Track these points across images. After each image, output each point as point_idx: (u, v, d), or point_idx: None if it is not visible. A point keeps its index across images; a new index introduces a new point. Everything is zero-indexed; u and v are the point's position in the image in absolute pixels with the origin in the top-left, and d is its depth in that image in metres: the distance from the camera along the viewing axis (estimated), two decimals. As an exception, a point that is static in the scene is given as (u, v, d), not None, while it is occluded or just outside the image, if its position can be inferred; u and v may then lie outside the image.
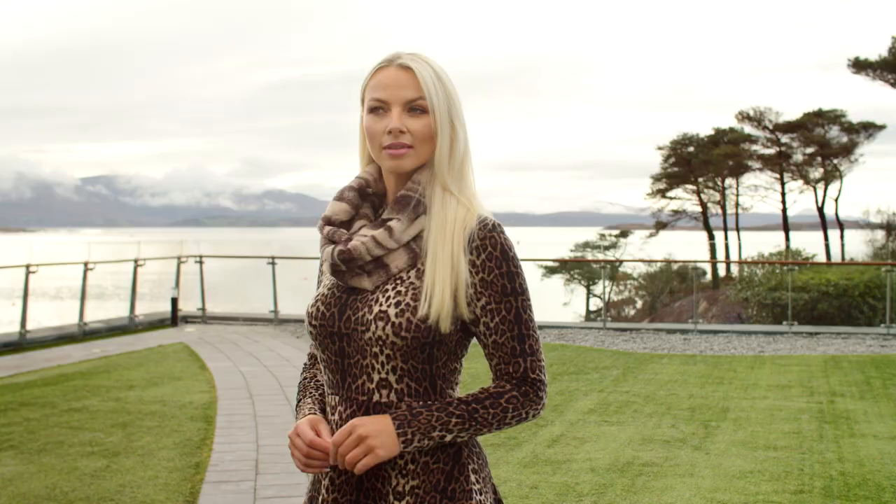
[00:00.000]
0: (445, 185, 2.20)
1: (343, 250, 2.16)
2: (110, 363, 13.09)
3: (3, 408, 9.69)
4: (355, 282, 2.18)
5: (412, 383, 2.14)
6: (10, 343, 15.24)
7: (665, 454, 7.70)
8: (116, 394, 10.48)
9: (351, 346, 2.15)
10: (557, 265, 42.03)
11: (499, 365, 2.16)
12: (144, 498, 6.54)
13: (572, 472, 7.18)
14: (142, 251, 19.02)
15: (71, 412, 9.45)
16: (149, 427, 8.77)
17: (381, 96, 2.18)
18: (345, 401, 2.18)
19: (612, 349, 14.66)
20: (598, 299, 39.39)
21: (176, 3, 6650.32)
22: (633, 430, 8.64)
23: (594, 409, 9.58)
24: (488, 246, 2.13)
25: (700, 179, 49.67)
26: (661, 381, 11.33)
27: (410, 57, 2.20)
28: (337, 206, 2.29)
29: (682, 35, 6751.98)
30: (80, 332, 16.74)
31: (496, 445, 8.05)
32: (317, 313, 2.22)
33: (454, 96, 2.22)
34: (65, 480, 6.97)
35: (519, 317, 2.15)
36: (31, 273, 15.82)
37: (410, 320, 2.09)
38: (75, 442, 8.18)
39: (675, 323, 23.01)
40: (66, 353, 14.35)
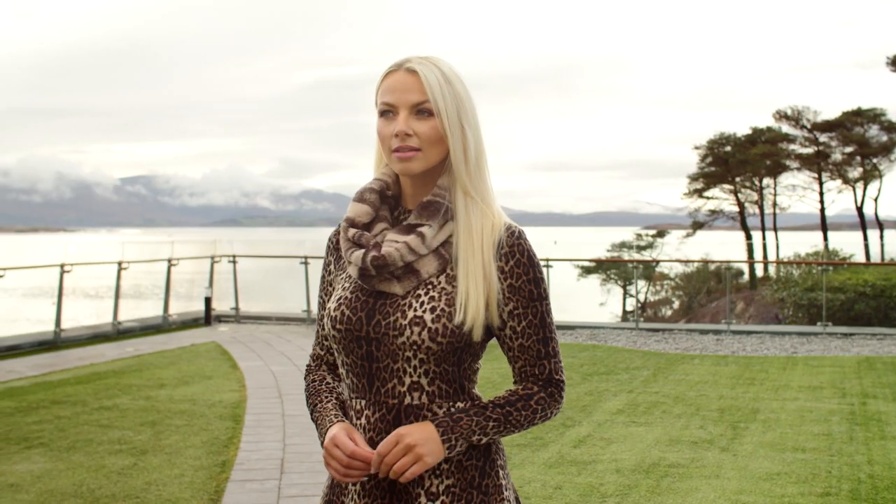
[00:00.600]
0: (466, 189, 2.22)
1: (377, 256, 2.17)
2: (142, 362, 13.18)
3: (36, 405, 9.78)
4: (384, 286, 2.19)
5: (443, 385, 2.18)
6: (46, 341, 15.38)
7: (692, 455, 7.66)
8: (147, 392, 10.55)
9: (381, 350, 2.17)
10: (594, 265, 41.88)
11: (524, 367, 2.23)
12: (169, 496, 6.59)
13: (597, 472, 7.15)
14: (175, 251, 19.15)
15: (101, 410, 9.53)
16: (177, 426, 8.82)
17: (389, 100, 2.21)
18: (373, 405, 2.20)
19: (644, 350, 14.59)
20: (635, 299, 39.26)
21: (215, 3, 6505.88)
22: (660, 430, 8.59)
23: (622, 410, 9.54)
24: (516, 253, 2.19)
25: (737, 179, 49.33)
26: (691, 382, 11.27)
27: (419, 60, 2.22)
28: (359, 207, 2.30)
29: (720, 34, 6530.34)
30: (115, 331, 16.87)
31: (522, 446, 8.04)
32: (342, 317, 2.22)
33: (464, 98, 2.22)
34: (92, 478, 7.03)
35: (544, 321, 2.22)
36: (65, 272, 15.96)
37: (447, 326, 2.12)
38: (104, 440, 8.25)
39: (708, 323, 22.86)
40: (99, 352, 14.47)
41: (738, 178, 49.24)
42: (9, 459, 7.60)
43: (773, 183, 48.30)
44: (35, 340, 15.32)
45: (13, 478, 7.05)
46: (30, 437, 8.40)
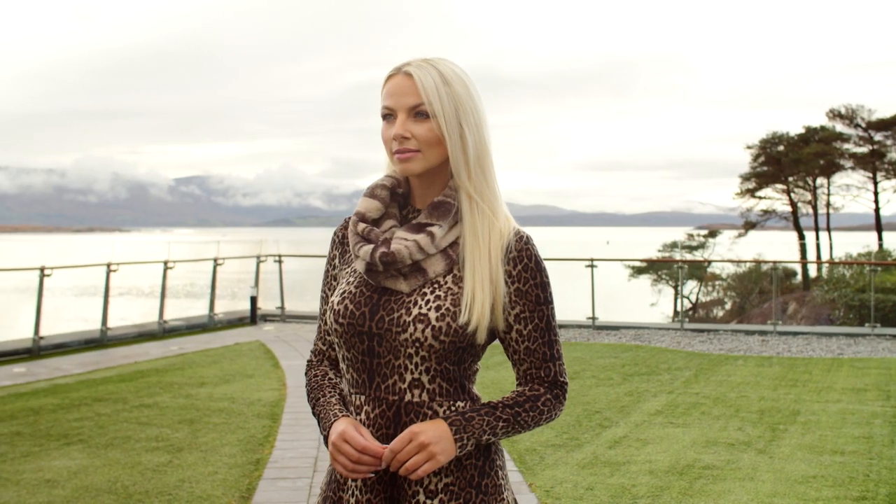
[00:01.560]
0: (469, 191, 2.23)
1: (386, 252, 2.18)
2: (186, 360, 13.30)
3: (78, 403, 9.90)
4: (390, 283, 2.20)
5: (444, 383, 2.18)
6: (92, 340, 15.57)
7: (727, 457, 7.58)
8: (188, 390, 10.65)
9: (383, 346, 2.17)
10: (645, 265, 41.62)
11: (529, 370, 2.25)
12: (201, 493, 6.63)
13: (630, 473, 7.10)
14: (221, 250, 19.30)
15: (141, 408, 9.63)
16: (215, 423, 8.89)
17: (388, 104, 2.23)
18: (372, 400, 2.20)
19: (688, 350, 14.47)
20: (685, 300, 38.96)
21: (269, 5, 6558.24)
22: (697, 432, 8.51)
23: (661, 411, 9.47)
24: (524, 258, 2.21)
25: (790, 179, 48.75)
26: (732, 383, 11.15)
27: (418, 63, 2.22)
28: (370, 203, 2.31)
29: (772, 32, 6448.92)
30: (160, 329, 17.04)
31: (557, 446, 8.01)
32: (345, 311, 2.22)
33: (464, 100, 2.21)
34: (127, 475, 7.09)
35: (549, 324, 2.24)
36: (111, 272, 16.15)
37: (450, 325, 2.13)
38: (142, 437, 8.33)
39: (753, 324, 22.62)
40: (144, 350, 14.62)
41: (791, 178, 48.66)
42: (48, 455, 7.70)
43: (826, 182, 47.67)
44: (82, 339, 15.51)
45: (50, 473, 7.14)
46: (69, 433, 8.50)
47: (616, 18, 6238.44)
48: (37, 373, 12.31)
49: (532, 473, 7.17)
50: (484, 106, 2.28)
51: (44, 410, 9.51)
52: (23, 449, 7.93)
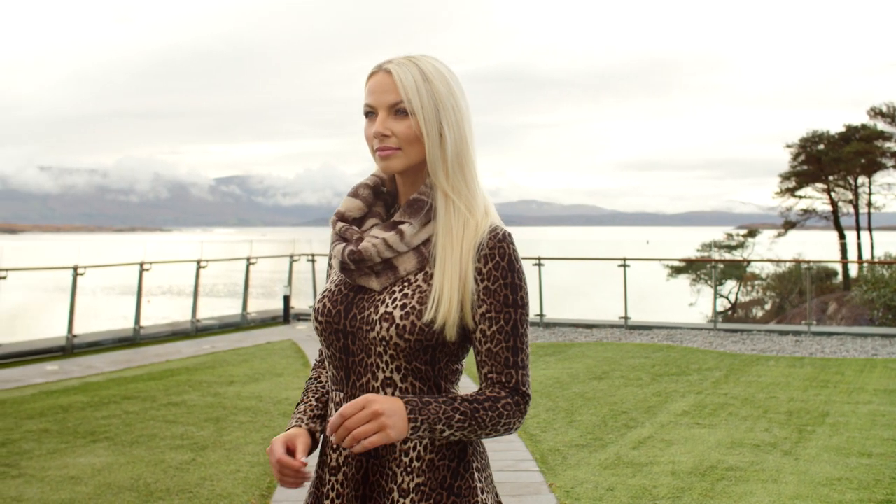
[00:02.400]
0: (445, 190, 2.21)
1: (354, 250, 2.19)
2: (217, 359, 13.38)
3: (107, 401, 9.98)
4: (363, 281, 2.20)
5: (416, 382, 2.16)
6: (126, 338, 15.71)
7: (752, 459, 7.51)
8: (216, 389, 10.71)
9: (356, 344, 2.17)
10: (684, 265, 41.37)
11: (490, 374, 2.16)
12: (222, 491, 6.67)
13: (652, 474, 7.05)
14: (255, 250, 19.40)
15: (169, 406, 9.69)
16: (240, 422, 8.93)
17: (368, 101, 2.22)
18: (349, 398, 2.19)
19: (719, 350, 14.36)
20: (723, 300, 38.68)
21: (308, 5, 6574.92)
22: (723, 433, 8.44)
23: (688, 412, 9.40)
24: (496, 255, 2.15)
25: (831, 178, 48.26)
26: (762, 384, 11.05)
27: (399, 61, 2.21)
28: (351, 202, 2.31)
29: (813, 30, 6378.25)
30: (193, 328, 17.16)
31: (580, 446, 7.98)
32: (323, 309, 2.24)
33: (444, 97, 2.20)
34: (150, 472, 7.14)
35: (516, 329, 2.16)
36: (144, 271, 16.28)
37: (415, 323, 2.11)
38: (167, 435, 8.38)
39: (787, 324, 22.43)
40: (176, 349, 14.73)
41: (832, 177, 48.17)
42: (73, 452, 7.77)
43: (867, 181, 47.15)
44: (116, 337, 15.65)
45: (75, 470, 7.20)
46: (97, 431, 8.57)
47: (655, 17, 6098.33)
48: (69, 371, 12.43)
49: (553, 473, 7.14)
50: (467, 103, 2.26)
51: (73, 408, 9.60)
52: (49, 446, 8.00)
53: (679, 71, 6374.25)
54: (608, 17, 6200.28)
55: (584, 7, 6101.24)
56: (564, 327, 17.93)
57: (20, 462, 7.48)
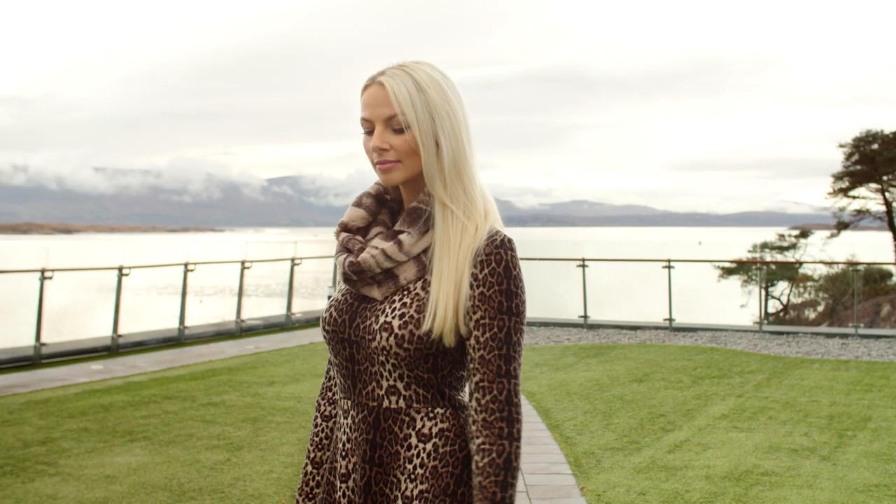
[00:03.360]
0: (443, 200, 2.20)
1: (353, 262, 2.20)
2: (259, 359, 13.47)
3: (147, 400, 10.08)
4: (366, 291, 2.22)
5: (420, 390, 2.17)
6: (171, 338, 15.86)
7: (788, 463, 7.42)
8: (256, 389, 10.77)
9: (360, 353, 2.19)
10: (735, 266, 40.97)
11: (482, 382, 2.11)
12: (254, 491, 6.70)
13: (686, 479, 6.99)
14: (299, 250, 19.50)
15: (208, 406, 9.77)
16: (277, 423, 8.98)
17: (365, 115, 2.21)
18: (356, 405, 2.22)
19: (763, 353, 14.21)
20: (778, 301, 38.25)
21: (360, 6, 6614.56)
22: (761, 437, 8.35)
23: (727, 415, 9.31)
24: (492, 261, 2.12)
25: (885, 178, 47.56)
26: (804, 387, 10.92)
27: (392, 72, 2.19)
28: (354, 212, 2.33)
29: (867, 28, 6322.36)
30: (238, 329, 17.28)
31: (615, 450, 7.93)
32: (330, 319, 2.26)
33: (439, 106, 2.18)
34: (184, 472, 7.20)
35: (509, 337, 2.12)
36: (189, 271, 16.42)
37: (413, 332, 2.12)
38: (204, 435, 8.45)
39: (834, 327, 22.15)
40: (220, 349, 14.84)
41: (886, 177, 47.47)
42: (111, 451, 7.86)
43: (922, 182, 46.41)
44: (160, 337, 15.80)
45: (111, 469, 7.28)
46: (135, 430, 8.65)
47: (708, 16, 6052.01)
48: (113, 370, 12.56)
49: (586, 477, 7.10)
50: (463, 107, 2.24)
51: (114, 407, 9.70)
52: (88, 445, 8.09)
53: (732, 70, 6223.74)
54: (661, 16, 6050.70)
55: (638, 6, 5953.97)
56: (608, 329, 17.84)
57: (58, 460, 7.58)
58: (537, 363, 13.05)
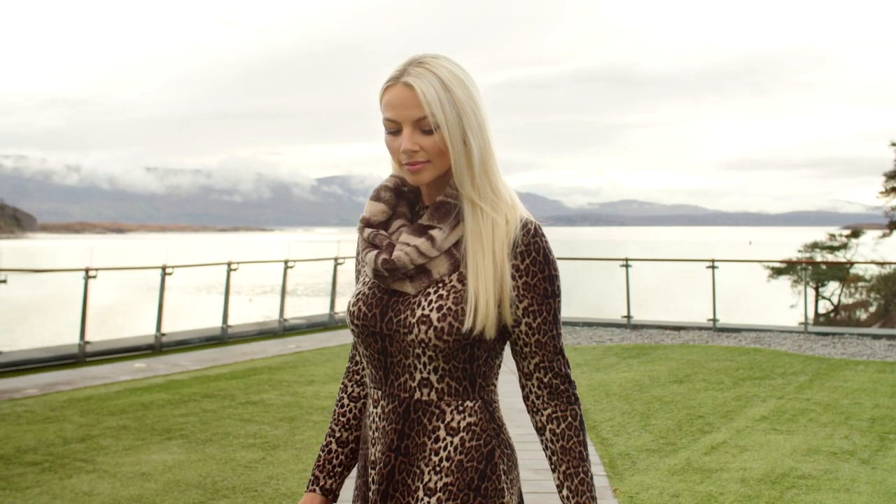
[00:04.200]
0: (472, 198, 2.23)
1: (387, 259, 2.21)
2: (300, 359, 13.53)
3: (187, 399, 10.16)
4: (398, 286, 2.24)
5: (452, 382, 2.22)
6: (213, 337, 15.99)
7: (827, 467, 7.32)
8: (295, 388, 10.82)
9: (393, 346, 2.22)
10: (785, 266, 40.56)
11: (542, 363, 2.25)
12: (286, 490, 6.73)
13: (721, 481, 6.92)
14: (342, 250, 19.57)
15: (247, 405, 9.83)
16: (315, 422, 9.01)
17: (391, 116, 2.21)
18: (387, 396, 2.26)
19: (807, 354, 14.04)
20: (829, 302, 37.83)
21: (408, 6, 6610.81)
22: (800, 439, 8.25)
23: (766, 417, 9.21)
24: (532, 251, 2.20)
25: (938, 176, 46.87)
26: (847, 389, 10.77)
27: (416, 71, 2.18)
28: (375, 206, 2.34)
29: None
30: (281, 328, 17.38)
31: (651, 451, 7.88)
32: (359, 313, 2.27)
33: (465, 104, 2.19)
34: (218, 470, 7.25)
35: (556, 318, 2.25)
36: (232, 271, 16.54)
37: (452, 324, 2.15)
38: (241, 434, 8.50)
39: (882, 328, 21.84)
40: (262, 348, 14.93)
41: (939, 176, 46.78)
42: (148, 449, 7.93)
43: (978, 180, 45.70)
44: (204, 336, 15.94)
45: (147, 467, 7.35)
46: (173, 428, 8.73)
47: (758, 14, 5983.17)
48: (155, 368, 12.68)
49: (620, 478, 7.06)
50: (483, 100, 2.25)
51: (153, 405, 9.79)
52: (126, 442, 8.17)
53: (784, 68, 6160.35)
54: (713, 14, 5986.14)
55: (689, 4, 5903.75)
56: (651, 329, 17.74)
57: (96, 458, 7.66)
58: (578, 363, 13.00)
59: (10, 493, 6.69)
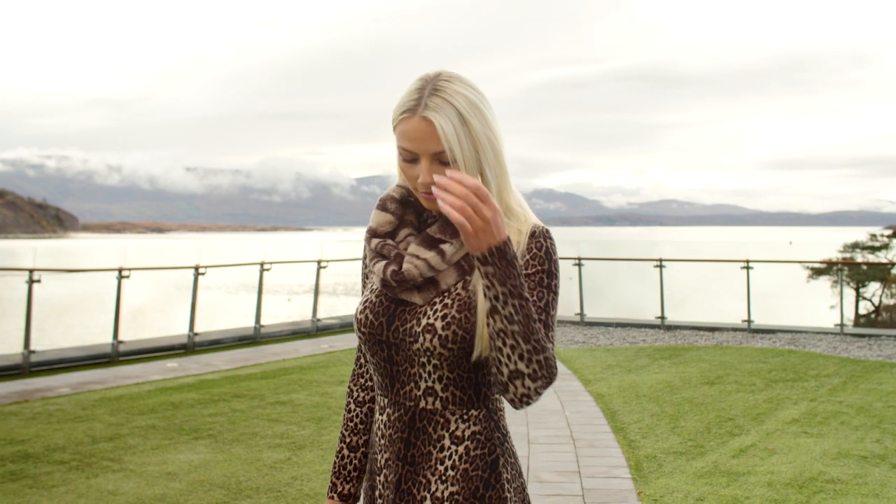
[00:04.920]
0: None
1: (396, 271, 2.21)
2: (332, 358, 13.56)
3: (217, 398, 10.20)
4: (405, 296, 2.23)
5: (457, 391, 2.20)
6: (246, 337, 16.06)
7: (856, 471, 7.23)
8: (325, 388, 10.84)
9: (399, 354, 2.22)
10: (825, 266, 40.20)
11: None
12: (310, 491, 6.74)
13: (748, 485, 6.85)
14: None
15: (276, 405, 9.86)
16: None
17: (409, 147, 2.17)
18: (393, 404, 2.26)
19: (842, 356, 13.89)
20: (869, 302, 37.48)
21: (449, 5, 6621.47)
22: (831, 443, 8.16)
23: (797, 420, 9.12)
24: (533, 248, 2.19)
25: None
26: (882, 392, 10.64)
27: (435, 102, 2.12)
28: (382, 217, 2.34)
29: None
30: (314, 328, 17.42)
31: (678, 453, 7.81)
32: (365, 321, 2.28)
33: (482, 137, 2.14)
34: (244, 470, 7.27)
35: (549, 308, 2.17)
36: (265, 270, 16.60)
37: (456, 332, 2.14)
38: (268, 434, 8.52)
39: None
40: (295, 348, 14.98)
41: (982, 175, 46.16)
42: (175, 449, 7.97)
43: None
44: (237, 336, 16.01)
45: (173, 466, 7.38)
46: (201, 428, 8.77)
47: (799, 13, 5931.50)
48: (188, 368, 12.75)
49: (645, 481, 7.01)
50: (498, 121, 2.21)
51: (183, 405, 9.84)
52: (154, 442, 8.22)
53: (825, 67, 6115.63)
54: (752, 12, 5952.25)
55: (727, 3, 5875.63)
56: (685, 330, 17.62)
57: (123, 457, 7.71)
58: (609, 364, 12.94)
59: (36, 492, 6.75)
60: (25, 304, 12.82)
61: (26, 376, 12.18)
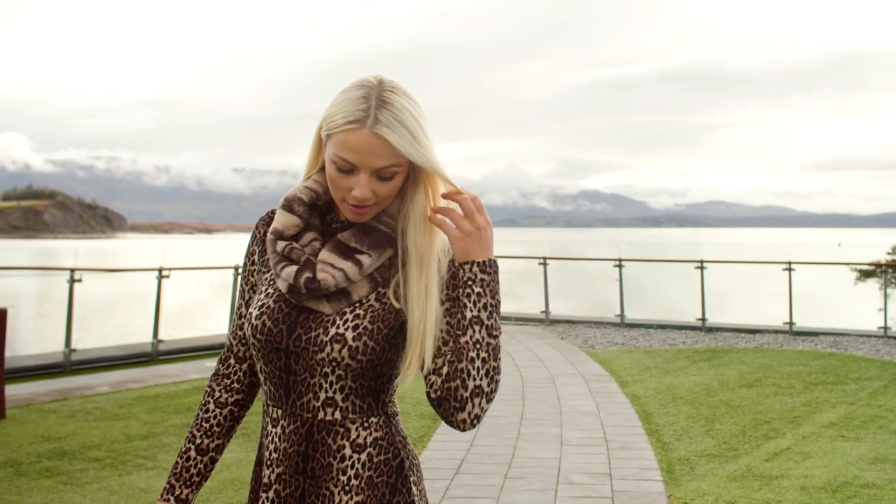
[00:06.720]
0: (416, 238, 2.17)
1: (311, 279, 2.11)
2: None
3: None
4: (313, 304, 2.15)
5: (357, 401, 2.13)
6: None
7: (892, 476, 7.13)
8: (360, 388, 10.86)
9: (299, 364, 2.13)
10: (873, 268, 39.70)
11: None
12: (339, 491, 6.75)
13: (780, 489, 6.78)
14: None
15: (310, 404, 9.89)
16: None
17: (350, 158, 2.07)
18: (288, 416, 2.16)
19: (885, 359, 13.71)
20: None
21: (494, 6, 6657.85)
22: (867, 447, 8.05)
23: (835, 423, 9.01)
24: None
25: None
26: (923, 396, 10.50)
27: (386, 117, 2.05)
28: (288, 219, 2.23)
29: None
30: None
31: (712, 456, 7.75)
32: (262, 327, 2.17)
33: (425, 150, 2.09)
34: (275, 470, 7.30)
35: None
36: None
37: (367, 343, 2.08)
38: (301, 433, 8.55)
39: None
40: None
41: None
42: (208, 448, 8.01)
43: None
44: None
45: (205, 466, 7.42)
46: (235, 427, 8.81)
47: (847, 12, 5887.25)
48: (226, 367, 12.83)
49: (676, 484, 6.96)
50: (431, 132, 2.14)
51: (219, 404, 9.90)
52: (188, 441, 8.27)
53: (874, 66, 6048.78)
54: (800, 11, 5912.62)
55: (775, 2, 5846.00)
56: (726, 332, 17.49)
57: (157, 455, 7.78)
58: (647, 366, 12.86)
59: (70, 489, 6.82)
60: (67, 303, 12.98)
61: (67, 374, 12.34)
